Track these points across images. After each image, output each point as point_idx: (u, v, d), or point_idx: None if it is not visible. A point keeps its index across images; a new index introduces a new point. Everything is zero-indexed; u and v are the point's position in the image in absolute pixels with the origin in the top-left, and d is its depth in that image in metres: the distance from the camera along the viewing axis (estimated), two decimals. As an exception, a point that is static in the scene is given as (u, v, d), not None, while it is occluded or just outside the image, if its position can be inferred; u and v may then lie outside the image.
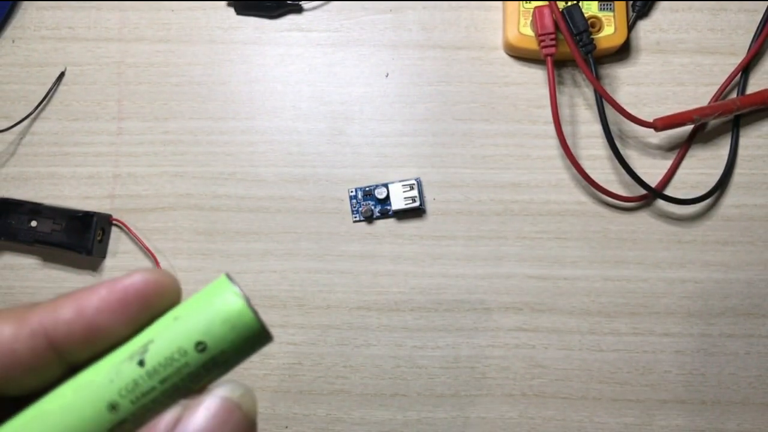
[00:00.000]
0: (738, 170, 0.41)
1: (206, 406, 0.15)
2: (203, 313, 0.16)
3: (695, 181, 0.41)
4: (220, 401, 0.15)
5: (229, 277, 0.17)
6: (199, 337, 0.16)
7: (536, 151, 0.41)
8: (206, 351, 0.16)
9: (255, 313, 0.16)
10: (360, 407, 0.40)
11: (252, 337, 0.16)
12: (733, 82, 0.41)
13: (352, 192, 0.41)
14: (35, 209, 0.40)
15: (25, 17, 0.43)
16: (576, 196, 0.41)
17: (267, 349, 0.40)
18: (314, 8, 0.43)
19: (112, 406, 0.15)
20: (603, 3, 0.41)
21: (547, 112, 0.40)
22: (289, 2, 0.43)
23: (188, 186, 0.42)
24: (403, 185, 0.40)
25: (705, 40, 0.42)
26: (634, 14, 0.42)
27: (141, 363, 0.16)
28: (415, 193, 0.40)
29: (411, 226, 0.41)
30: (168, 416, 0.15)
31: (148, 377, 0.15)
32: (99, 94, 0.43)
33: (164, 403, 0.16)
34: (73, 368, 0.16)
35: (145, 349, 0.16)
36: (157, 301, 0.16)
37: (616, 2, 0.41)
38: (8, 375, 0.15)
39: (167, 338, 0.16)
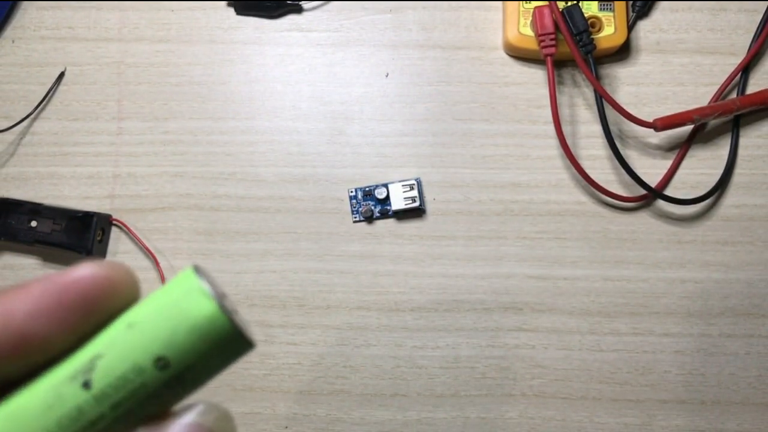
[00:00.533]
0: (738, 170, 0.41)
1: None
2: (164, 318, 0.13)
3: (695, 181, 0.41)
4: (188, 429, 0.12)
5: (197, 270, 0.13)
6: (159, 350, 0.12)
7: (536, 151, 0.41)
8: (169, 368, 0.13)
9: (230, 317, 0.13)
10: (360, 407, 0.40)
11: (227, 347, 0.13)
12: (733, 82, 0.41)
13: (352, 192, 0.41)
14: (35, 209, 0.40)
15: (25, 17, 0.43)
16: (576, 196, 0.41)
17: (267, 349, 0.40)
18: (314, 8, 0.43)
19: None
20: (603, 3, 0.41)
21: (547, 112, 0.40)
22: (289, 2, 0.43)
23: (188, 186, 0.42)
24: (403, 185, 0.40)
25: (705, 41, 0.42)
26: (634, 14, 0.42)
27: (86, 384, 0.12)
28: (415, 193, 0.40)
29: (411, 226, 0.41)
30: None
31: (96, 403, 0.12)
32: (99, 94, 0.43)
33: None
34: (7, 383, 0.13)
35: (91, 365, 0.13)
36: (106, 303, 0.13)
37: (616, 2, 0.41)
38: None
39: (119, 352, 0.13)
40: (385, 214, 0.41)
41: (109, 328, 0.13)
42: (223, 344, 0.13)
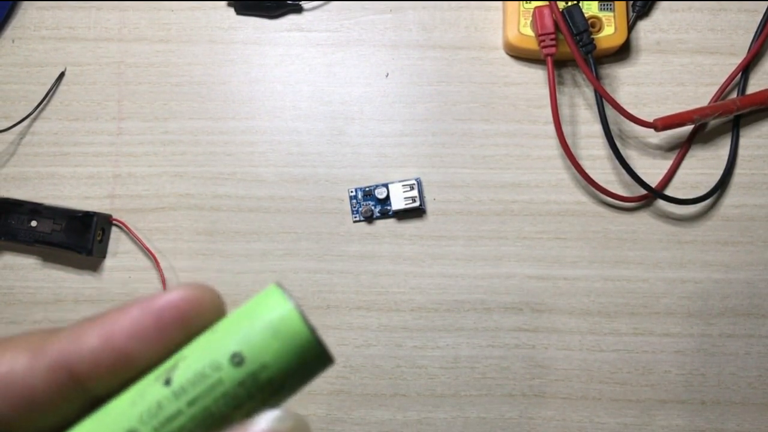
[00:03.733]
0: (738, 170, 0.41)
1: None
2: (243, 319, 0.13)
3: (695, 181, 0.41)
4: None
5: (279, 285, 0.14)
6: (234, 346, 0.13)
7: (536, 151, 0.41)
8: (244, 364, 0.13)
9: (305, 320, 0.13)
10: (360, 407, 0.40)
11: (302, 351, 0.13)
12: (733, 83, 0.41)
13: (352, 192, 0.41)
14: (35, 209, 0.40)
15: (25, 17, 0.43)
16: (576, 196, 0.41)
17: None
18: (314, 8, 0.43)
19: None
20: (603, 3, 0.41)
21: (547, 112, 0.40)
22: (289, 2, 0.43)
23: (188, 186, 0.42)
24: (403, 185, 0.40)
25: (705, 40, 0.42)
26: (635, 14, 0.42)
27: (167, 382, 0.13)
28: (415, 193, 0.40)
29: (411, 226, 0.41)
30: None
31: (174, 398, 0.13)
32: (99, 94, 0.43)
33: None
34: (99, 400, 0.14)
35: (174, 365, 0.13)
36: (196, 321, 0.14)
37: (616, 2, 0.40)
38: (24, 413, 0.13)
39: (199, 351, 0.13)
40: (385, 214, 0.41)
41: (197, 337, 0.14)
42: (297, 345, 0.13)
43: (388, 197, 0.41)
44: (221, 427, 0.13)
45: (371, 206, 0.41)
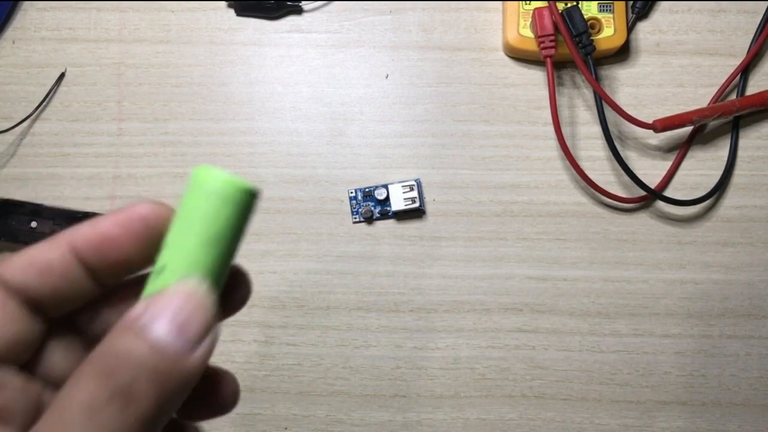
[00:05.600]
0: (737, 171, 0.41)
1: (167, 295, 0.17)
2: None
3: (695, 183, 0.41)
4: (176, 289, 0.18)
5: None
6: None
7: (536, 152, 0.41)
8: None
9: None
10: (360, 408, 0.40)
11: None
12: (732, 84, 0.41)
13: (351, 193, 0.41)
14: (36, 210, 0.40)
15: (25, 18, 0.43)
16: (575, 197, 0.41)
17: (267, 350, 0.40)
18: (314, 9, 0.43)
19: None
20: (602, 4, 0.41)
21: (547, 114, 0.40)
22: (289, 3, 0.43)
23: (188, 187, 0.42)
24: (402, 186, 0.40)
25: (704, 42, 0.42)
26: (634, 15, 0.42)
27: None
28: (414, 194, 0.40)
29: (411, 227, 0.41)
30: (138, 307, 0.17)
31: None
32: (99, 95, 0.43)
33: None
34: (105, 293, 0.20)
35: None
36: (155, 223, 0.19)
37: (615, 3, 0.41)
38: (46, 281, 0.19)
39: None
40: (385, 215, 0.41)
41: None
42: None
43: (387, 198, 0.41)
44: None
45: (371, 207, 0.41)
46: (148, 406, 0.16)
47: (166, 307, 0.17)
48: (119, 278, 0.20)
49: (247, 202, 0.19)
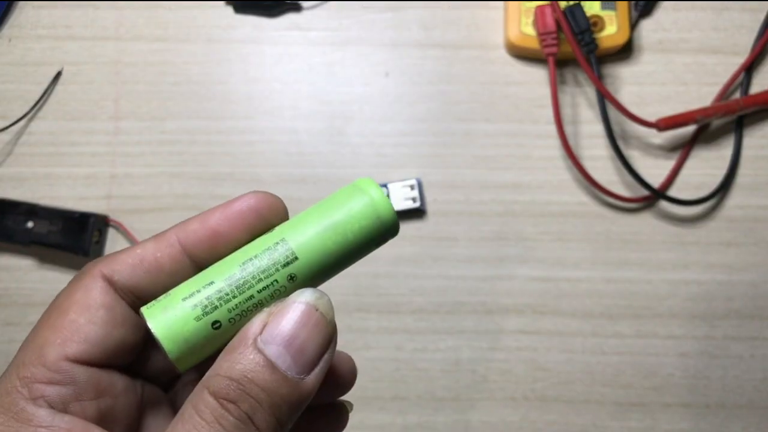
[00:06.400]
0: (741, 171, 0.41)
1: (288, 313, 0.18)
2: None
3: (698, 182, 0.41)
4: (298, 306, 0.18)
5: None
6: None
7: (538, 152, 0.41)
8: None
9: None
10: (359, 411, 0.40)
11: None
12: (736, 82, 0.41)
13: (351, 192, 0.41)
14: (32, 210, 0.40)
15: (21, 16, 0.43)
16: (578, 196, 0.41)
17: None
18: (313, 7, 0.43)
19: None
20: (605, 2, 0.40)
21: (549, 112, 0.40)
22: (288, 1, 0.42)
23: (186, 186, 0.41)
24: (403, 186, 0.40)
25: (708, 40, 0.42)
26: (637, 13, 0.41)
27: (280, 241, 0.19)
28: (415, 193, 0.40)
29: (411, 227, 0.41)
30: (256, 321, 0.18)
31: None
32: (96, 94, 0.42)
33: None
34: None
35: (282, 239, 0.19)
36: (266, 214, 0.20)
37: (618, 1, 0.40)
38: (155, 281, 0.19)
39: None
40: (385, 215, 0.41)
41: (219, 266, 0.19)
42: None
43: (387, 198, 0.40)
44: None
45: (371, 207, 0.40)
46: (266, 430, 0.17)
47: (285, 327, 0.17)
48: None
49: (388, 231, 0.20)
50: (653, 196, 0.40)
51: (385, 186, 0.40)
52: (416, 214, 0.41)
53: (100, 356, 0.18)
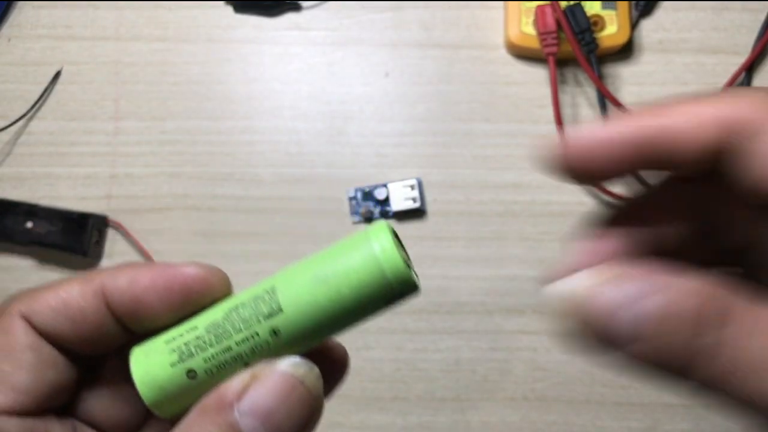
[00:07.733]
0: (742, 171, 0.41)
1: (271, 382, 0.16)
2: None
3: (699, 182, 0.41)
4: (283, 377, 0.16)
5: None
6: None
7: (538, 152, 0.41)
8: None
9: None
10: (359, 411, 0.39)
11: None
12: (736, 82, 0.41)
13: (351, 193, 0.41)
14: (31, 210, 0.40)
15: (21, 16, 0.43)
16: (578, 196, 0.41)
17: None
18: (313, 7, 0.43)
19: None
20: (606, 2, 0.40)
21: (549, 112, 0.40)
22: (287, 1, 0.42)
23: (186, 186, 0.41)
24: (403, 186, 0.40)
25: (708, 40, 0.42)
26: (637, 13, 0.41)
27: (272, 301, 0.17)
28: (415, 193, 0.40)
29: (411, 227, 0.41)
30: (236, 382, 0.16)
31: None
32: (96, 94, 0.42)
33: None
34: (137, 336, 0.18)
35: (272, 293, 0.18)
36: (199, 291, 0.18)
37: (618, 1, 0.40)
38: (77, 330, 0.18)
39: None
40: (385, 215, 0.41)
41: (209, 311, 0.18)
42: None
43: (387, 198, 0.40)
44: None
45: (371, 207, 0.40)
46: None
47: (266, 399, 0.16)
48: (154, 331, 0.18)
49: (396, 288, 0.17)
50: (653, 196, 0.40)
51: (385, 186, 0.40)
52: (416, 214, 0.41)
53: (31, 404, 0.17)
